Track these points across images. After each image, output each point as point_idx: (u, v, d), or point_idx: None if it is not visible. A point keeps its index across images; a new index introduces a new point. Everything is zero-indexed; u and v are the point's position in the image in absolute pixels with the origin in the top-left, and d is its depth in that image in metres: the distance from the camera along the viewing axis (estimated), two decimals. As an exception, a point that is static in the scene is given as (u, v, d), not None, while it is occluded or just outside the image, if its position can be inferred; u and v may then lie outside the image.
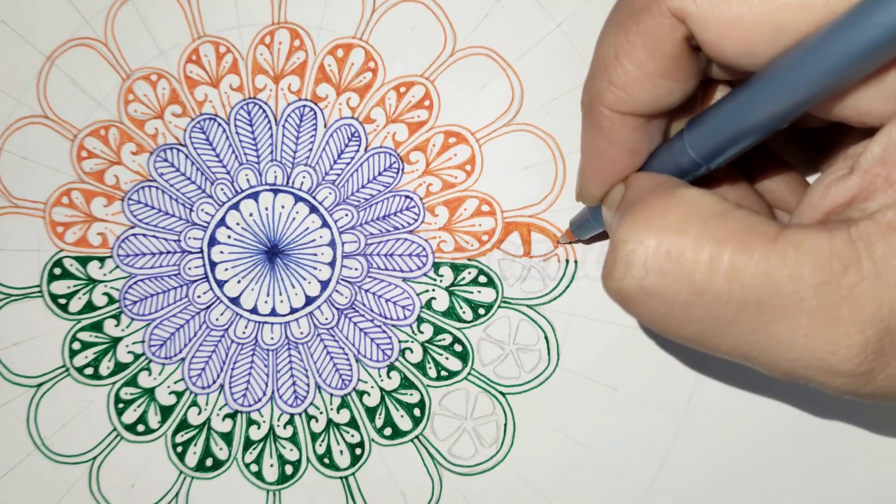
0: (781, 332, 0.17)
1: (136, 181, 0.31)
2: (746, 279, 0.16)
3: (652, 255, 0.17)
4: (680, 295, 0.17)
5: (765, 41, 0.17)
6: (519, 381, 0.30)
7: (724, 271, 0.17)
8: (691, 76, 0.19)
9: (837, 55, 0.15)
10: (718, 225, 0.17)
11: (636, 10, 0.18)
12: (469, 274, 0.30)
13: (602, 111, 0.20)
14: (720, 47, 0.17)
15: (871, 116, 0.17)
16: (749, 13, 0.16)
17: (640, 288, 0.18)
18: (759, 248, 0.16)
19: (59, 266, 0.31)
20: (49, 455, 0.30)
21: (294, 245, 0.30)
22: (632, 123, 0.20)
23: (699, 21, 0.17)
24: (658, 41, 0.18)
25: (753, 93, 0.17)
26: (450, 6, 0.30)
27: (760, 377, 0.29)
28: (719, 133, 0.19)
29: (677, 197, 0.18)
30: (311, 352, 0.30)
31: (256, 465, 0.30)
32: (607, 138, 0.20)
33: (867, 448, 0.29)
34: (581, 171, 0.23)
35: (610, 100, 0.19)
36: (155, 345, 0.30)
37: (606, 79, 0.19)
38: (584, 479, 0.29)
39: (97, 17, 0.31)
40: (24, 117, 0.31)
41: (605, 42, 0.19)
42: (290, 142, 0.30)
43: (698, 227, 0.17)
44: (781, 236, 0.17)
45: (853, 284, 0.16)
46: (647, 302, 0.18)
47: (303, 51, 0.30)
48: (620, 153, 0.21)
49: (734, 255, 0.17)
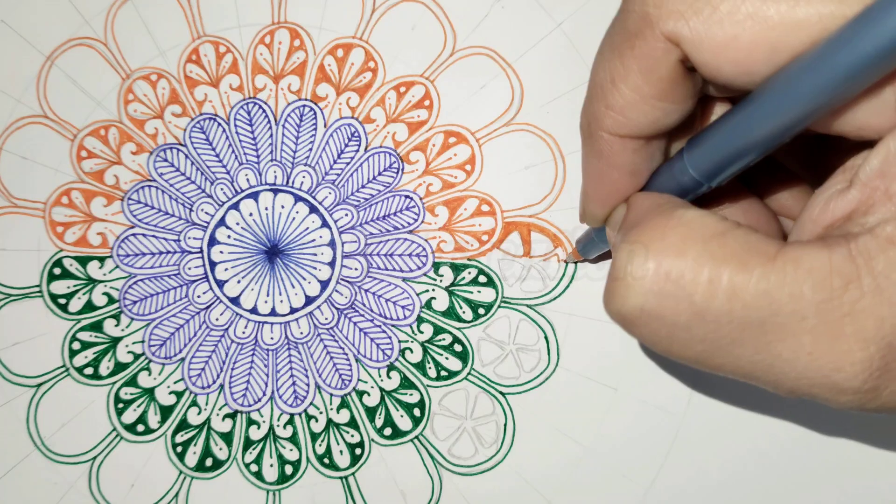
0: (785, 350, 0.17)
1: (135, 181, 0.31)
2: (747, 299, 0.16)
3: (652, 277, 0.17)
4: (681, 316, 0.17)
5: (760, 61, 0.17)
6: (519, 381, 0.30)
7: (723, 292, 0.17)
8: (688, 97, 0.19)
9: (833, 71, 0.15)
10: (718, 245, 0.17)
11: (630, 33, 0.18)
12: (469, 274, 0.30)
13: (601, 135, 0.20)
14: (715, 68, 0.17)
15: (869, 130, 0.17)
16: (743, 33, 0.16)
17: (641, 310, 0.18)
18: (759, 267, 0.16)
19: (59, 266, 0.31)
20: (49, 455, 0.30)
21: (294, 245, 0.30)
22: (631, 146, 0.20)
23: (693, 43, 0.17)
24: (653, 65, 0.18)
25: (751, 112, 0.17)
26: (450, 6, 0.30)
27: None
28: (719, 152, 0.19)
29: (676, 218, 0.18)
30: (310, 352, 0.30)
31: (256, 465, 0.30)
32: (608, 161, 0.20)
33: (866, 448, 0.29)
34: (583, 194, 0.23)
35: (608, 124, 0.19)
36: (155, 345, 0.30)
37: (604, 103, 0.19)
38: (584, 479, 0.29)
39: (97, 17, 0.31)
40: (24, 117, 0.31)
41: (600, 66, 0.19)
42: (289, 142, 0.30)
43: (698, 248, 0.17)
44: (781, 254, 0.17)
45: (854, 301, 0.16)
46: (648, 324, 0.18)
47: (303, 51, 0.30)
48: (621, 175, 0.21)
49: (733, 275, 0.17)
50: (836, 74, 0.15)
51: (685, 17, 0.17)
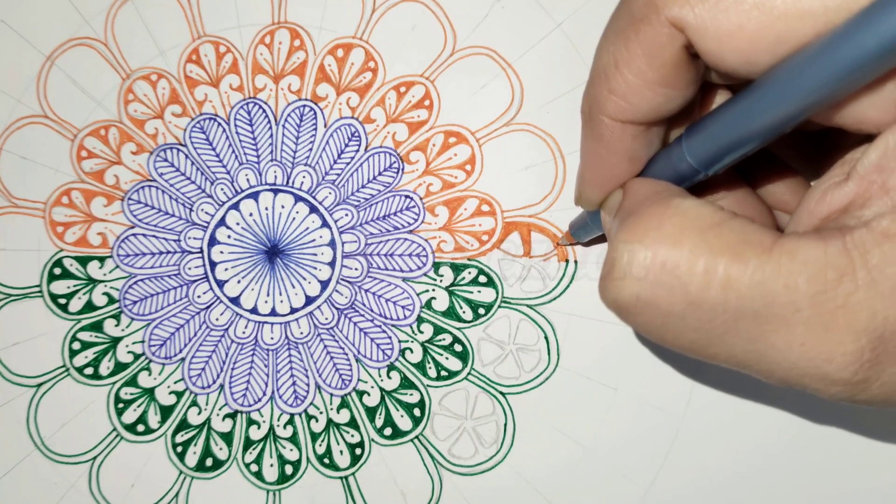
0: (777, 341, 0.17)
1: (136, 181, 0.31)
2: (742, 289, 0.17)
3: (648, 267, 0.18)
4: (676, 306, 0.17)
5: (764, 50, 0.17)
6: (519, 381, 0.30)
7: (719, 282, 0.17)
8: (690, 83, 0.19)
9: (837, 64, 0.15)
10: (714, 236, 0.17)
11: (635, 18, 0.18)
12: (469, 274, 0.30)
13: (602, 119, 0.20)
14: (719, 56, 0.17)
15: (869, 124, 0.17)
16: (748, 23, 0.16)
17: (636, 298, 0.18)
18: (755, 258, 0.17)
19: (59, 266, 0.31)
20: (49, 455, 0.30)
21: (294, 245, 0.30)
22: (631, 131, 0.20)
23: (698, 30, 0.17)
24: (657, 50, 0.18)
25: (752, 101, 0.17)
26: (450, 6, 0.30)
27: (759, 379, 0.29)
28: (718, 140, 0.19)
29: (674, 207, 0.18)
30: (311, 352, 0.30)
31: (256, 465, 0.30)
32: (607, 146, 0.20)
33: (865, 449, 0.29)
34: (580, 177, 0.23)
35: (610, 108, 0.19)
36: (155, 345, 0.30)
37: (606, 87, 0.19)
38: (584, 479, 0.29)
39: (97, 16, 0.31)
40: (24, 117, 0.31)
41: (604, 50, 0.19)
42: (290, 142, 0.30)
43: (694, 239, 0.17)
44: (776, 246, 0.17)
45: (848, 294, 0.16)
46: (643, 312, 0.18)
47: (303, 51, 0.30)
48: (619, 160, 0.21)
49: (729, 265, 0.17)
50: (839, 68, 0.15)
51: (691, 4, 0.17)
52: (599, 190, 0.22)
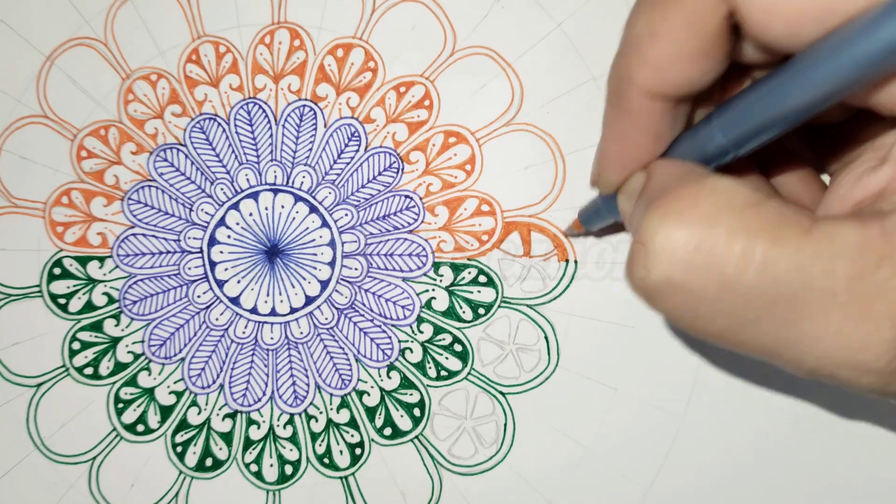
0: (811, 328, 0.16)
1: (135, 181, 0.31)
2: (779, 273, 0.16)
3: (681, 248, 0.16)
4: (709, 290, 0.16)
5: (811, 20, 0.16)
6: (519, 381, 0.30)
7: (756, 265, 0.16)
8: (725, 57, 0.18)
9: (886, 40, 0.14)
10: (752, 216, 0.16)
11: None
12: (469, 274, 0.30)
13: (631, 92, 0.19)
14: (765, 25, 0.16)
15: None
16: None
17: (666, 282, 0.17)
18: (794, 239, 0.16)
19: (59, 266, 0.31)
20: (49, 455, 0.30)
21: (294, 245, 0.30)
22: (660, 107, 0.19)
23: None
24: (699, 18, 0.17)
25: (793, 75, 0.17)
26: (450, 6, 0.30)
27: (760, 377, 0.29)
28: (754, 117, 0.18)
29: (709, 185, 0.17)
30: (310, 352, 0.30)
31: (256, 465, 0.30)
32: (633, 122, 0.19)
33: (865, 449, 0.29)
34: (600, 156, 0.21)
35: (642, 80, 0.18)
36: (155, 345, 0.30)
37: (639, 58, 0.18)
38: (584, 479, 0.29)
39: (97, 16, 0.31)
40: (24, 117, 0.31)
41: (638, 19, 0.18)
42: (289, 141, 0.30)
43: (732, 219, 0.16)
44: (815, 228, 0.16)
45: (886, 279, 0.15)
46: (673, 296, 0.17)
47: (303, 51, 0.30)
48: (645, 138, 0.20)
49: (768, 247, 0.16)
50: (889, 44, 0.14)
51: None
52: (620, 171, 0.21)
